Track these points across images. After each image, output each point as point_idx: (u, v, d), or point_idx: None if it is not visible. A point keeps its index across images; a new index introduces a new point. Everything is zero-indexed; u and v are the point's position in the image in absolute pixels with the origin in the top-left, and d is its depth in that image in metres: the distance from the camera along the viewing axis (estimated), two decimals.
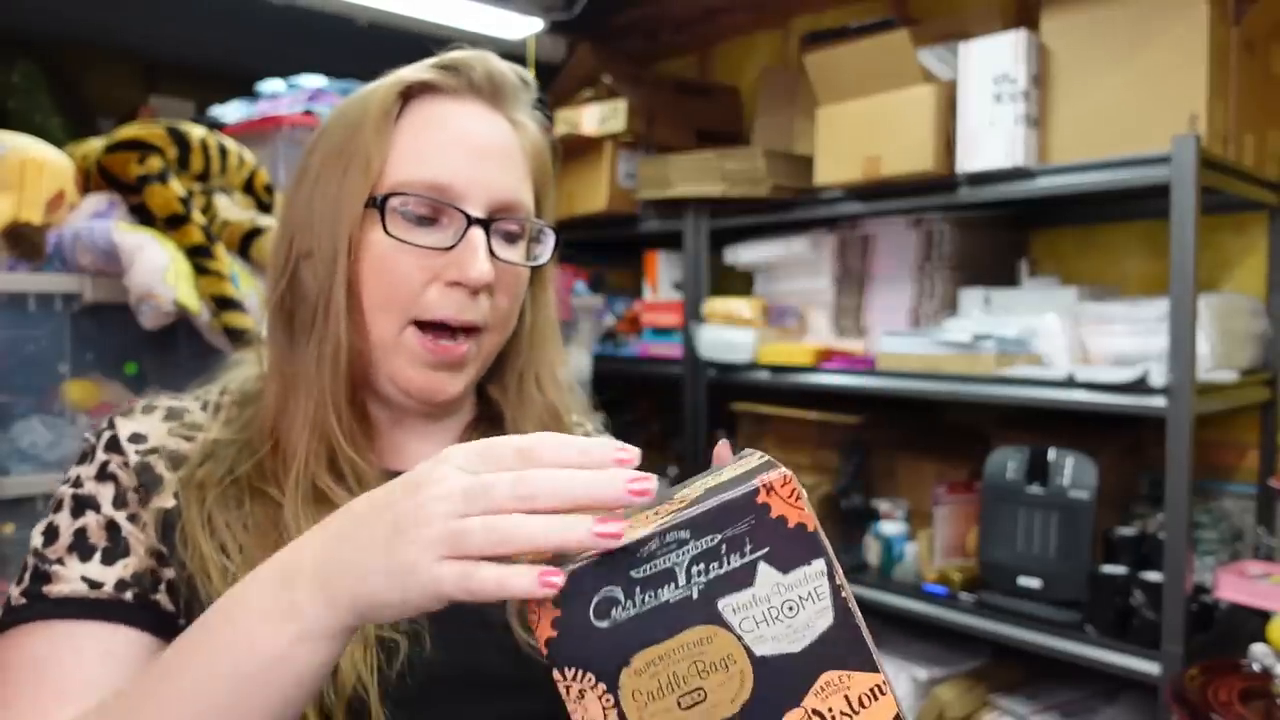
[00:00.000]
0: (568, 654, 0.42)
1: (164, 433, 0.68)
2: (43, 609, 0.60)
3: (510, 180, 0.70)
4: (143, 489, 0.65)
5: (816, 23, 2.49)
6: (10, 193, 1.40)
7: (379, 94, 0.69)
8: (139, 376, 1.52)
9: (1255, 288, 1.85)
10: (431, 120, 0.69)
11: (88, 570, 0.61)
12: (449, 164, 0.68)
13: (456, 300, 0.67)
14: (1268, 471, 1.81)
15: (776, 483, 0.43)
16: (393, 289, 0.67)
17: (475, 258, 0.66)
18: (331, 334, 0.67)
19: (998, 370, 1.73)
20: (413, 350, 0.68)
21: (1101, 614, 1.61)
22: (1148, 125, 1.58)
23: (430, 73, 0.70)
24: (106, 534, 0.63)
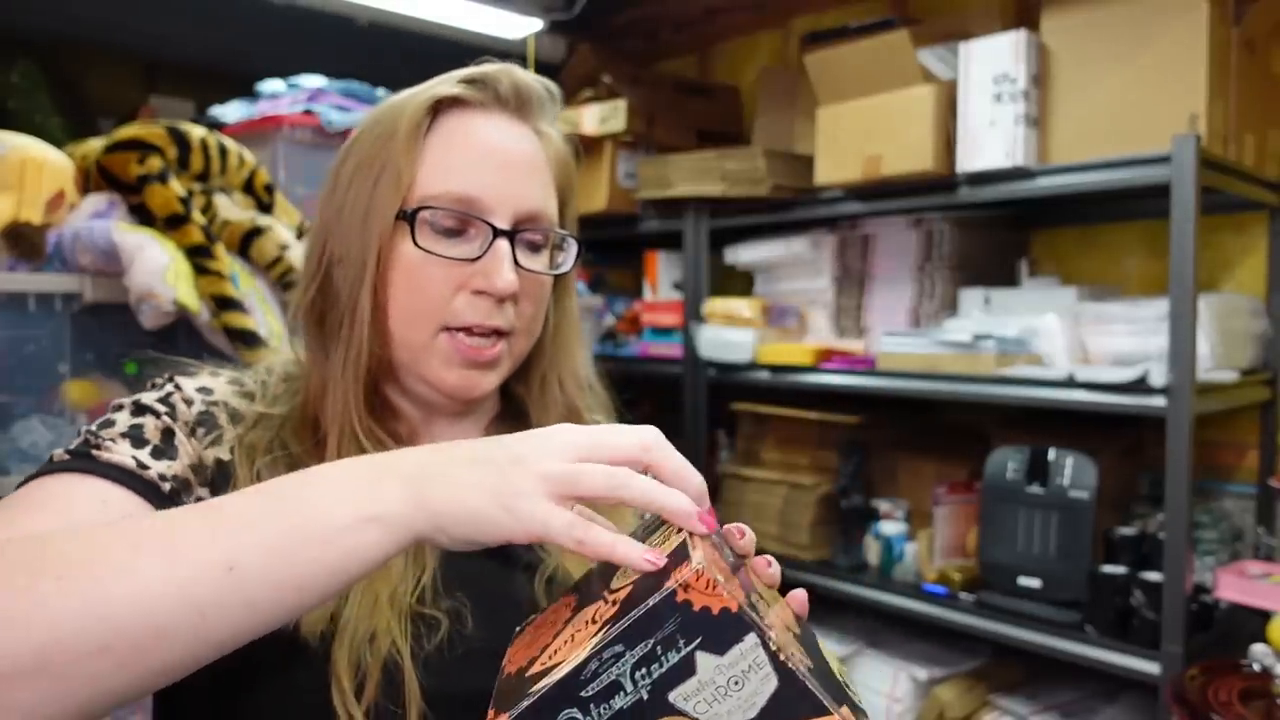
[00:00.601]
0: None
1: (228, 391, 0.72)
2: (85, 465, 0.60)
3: (535, 191, 0.73)
4: (202, 430, 0.68)
5: (817, 22, 2.49)
6: (10, 192, 1.40)
7: (409, 108, 0.71)
8: (139, 376, 1.52)
9: (1255, 287, 1.85)
10: (459, 134, 0.72)
11: (138, 454, 0.63)
12: (476, 177, 0.70)
13: (483, 308, 0.70)
14: (1268, 471, 1.81)
15: (691, 579, 0.45)
16: (422, 297, 0.70)
17: (501, 268, 0.69)
18: (356, 340, 0.70)
19: (998, 370, 1.73)
20: (446, 352, 0.71)
21: (1101, 614, 1.61)
22: (1148, 125, 1.58)
23: (458, 87, 0.73)
24: (161, 435, 0.65)
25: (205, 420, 0.69)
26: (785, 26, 2.68)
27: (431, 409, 0.77)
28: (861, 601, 1.98)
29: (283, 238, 1.60)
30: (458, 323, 0.70)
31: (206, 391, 0.71)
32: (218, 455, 0.67)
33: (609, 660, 0.45)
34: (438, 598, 0.67)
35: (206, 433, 0.68)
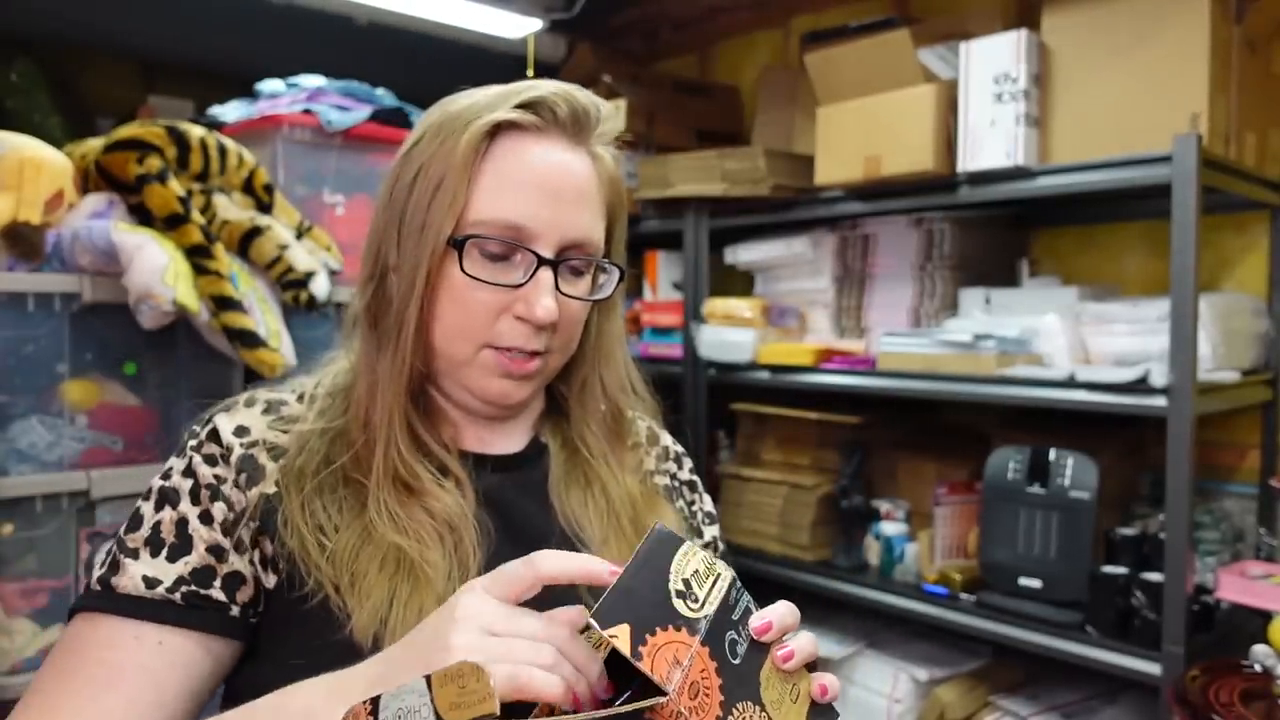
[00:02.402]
0: None
1: (264, 426, 0.75)
2: (106, 603, 0.68)
3: (582, 219, 0.75)
4: (245, 476, 0.72)
5: (817, 22, 2.49)
6: (9, 192, 1.40)
7: (470, 131, 0.73)
8: (138, 376, 1.52)
9: (1257, 287, 1.85)
10: (513, 160, 0.74)
11: (152, 568, 0.69)
12: (525, 205, 0.73)
13: (523, 332, 0.74)
14: (1269, 472, 1.81)
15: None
16: (467, 318, 0.73)
17: (542, 298, 0.72)
18: (403, 349, 0.74)
19: (998, 370, 1.73)
20: (489, 365, 0.75)
21: (1102, 614, 1.61)
22: (1149, 124, 1.58)
23: (516, 113, 0.74)
24: (175, 531, 0.71)
25: (245, 465, 0.73)
26: (785, 26, 2.67)
27: (475, 412, 0.80)
28: (862, 602, 1.98)
29: (282, 238, 1.60)
30: (500, 344, 0.74)
31: (244, 432, 0.75)
32: (263, 491, 0.72)
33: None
34: None
35: (249, 478, 0.72)
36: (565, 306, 0.75)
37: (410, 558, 0.69)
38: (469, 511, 0.73)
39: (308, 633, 0.68)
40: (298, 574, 0.69)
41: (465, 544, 0.71)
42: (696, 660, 0.53)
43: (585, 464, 0.82)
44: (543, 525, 0.78)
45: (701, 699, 0.52)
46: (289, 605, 0.69)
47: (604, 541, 0.78)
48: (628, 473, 0.83)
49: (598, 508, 0.79)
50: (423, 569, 0.69)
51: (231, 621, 0.69)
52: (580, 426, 0.83)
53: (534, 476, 0.81)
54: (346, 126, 1.77)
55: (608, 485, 0.81)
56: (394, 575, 0.69)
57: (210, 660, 0.69)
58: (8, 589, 1.38)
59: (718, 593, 0.58)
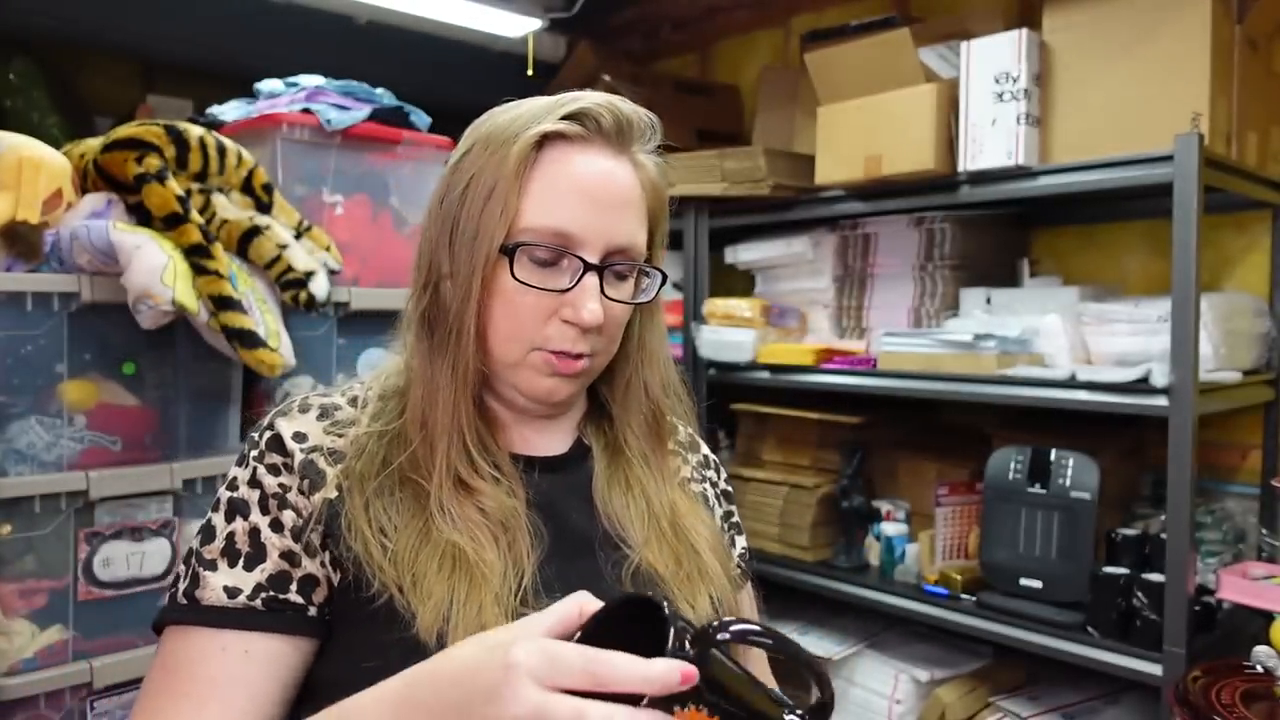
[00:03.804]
0: None
1: (320, 431, 0.78)
2: (193, 615, 0.72)
3: (627, 226, 0.79)
4: (306, 481, 0.75)
5: (817, 21, 2.48)
6: (7, 192, 1.39)
7: (519, 142, 0.76)
8: (137, 376, 1.51)
9: (1258, 287, 1.84)
10: (560, 169, 0.77)
11: (231, 578, 0.73)
12: (572, 213, 0.76)
13: (570, 335, 0.77)
14: (1271, 472, 1.81)
15: None
16: (517, 323, 0.77)
17: (588, 301, 0.75)
18: (464, 354, 0.77)
19: (999, 370, 1.72)
20: (538, 365, 0.78)
21: (1103, 615, 1.60)
22: (1150, 124, 1.58)
23: (562, 124, 0.78)
24: (249, 540, 0.74)
25: (307, 470, 0.76)
26: (786, 25, 2.67)
27: (523, 411, 0.83)
28: (862, 602, 1.97)
29: (281, 237, 1.59)
30: (549, 347, 0.77)
31: (302, 438, 0.77)
32: (325, 496, 0.74)
33: None
34: (538, 597, 0.72)
35: (311, 483, 0.75)
36: (609, 309, 0.78)
37: (467, 557, 0.71)
38: (521, 511, 0.76)
39: (376, 630, 0.70)
40: (364, 576, 0.71)
41: (519, 544, 0.74)
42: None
43: (626, 465, 0.85)
44: (587, 526, 0.80)
45: None
46: (357, 605, 0.72)
47: (645, 543, 0.80)
48: (667, 476, 0.86)
49: (639, 510, 0.82)
50: (479, 568, 0.71)
51: (310, 621, 0.73)
52: (623, 428, 0.86)
53: (579, 478, 0.84)
54: (346, 126, 1.76)
55: (647, 488, 0.84)
56: (452, 574, 0.71)
57: (297, 656, 0.73)
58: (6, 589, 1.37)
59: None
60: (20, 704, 1.37)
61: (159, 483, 1.47)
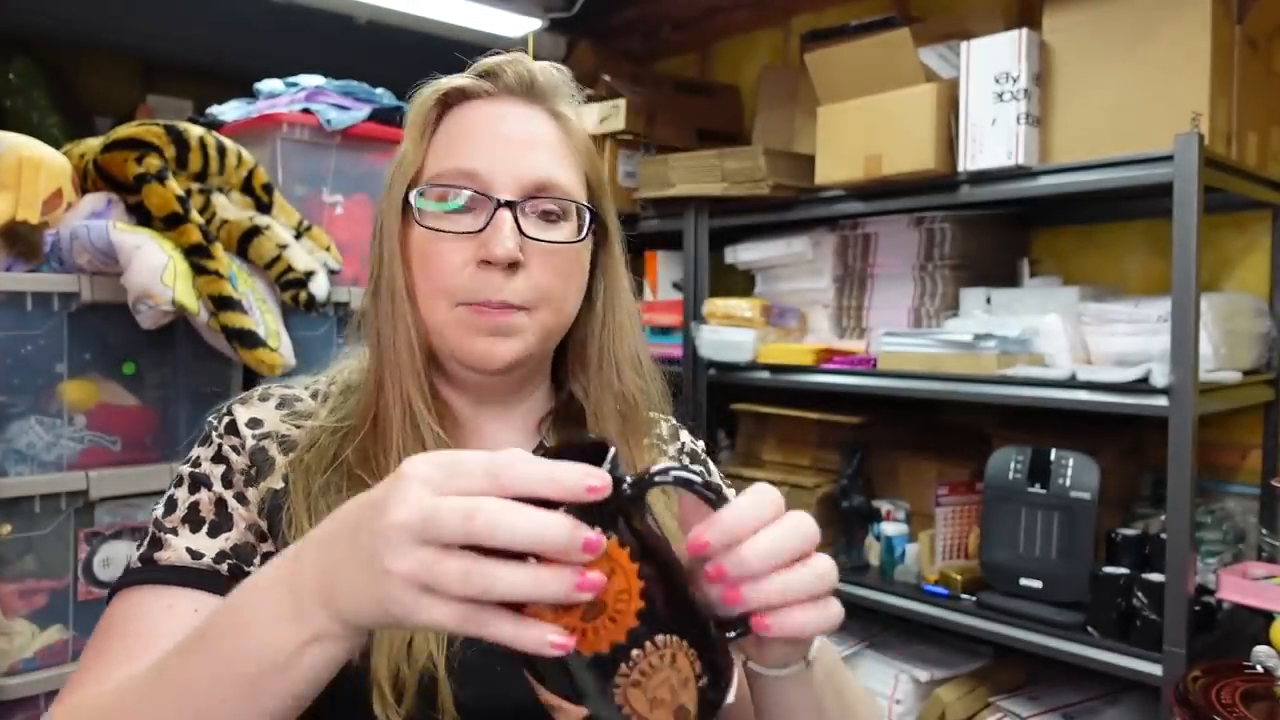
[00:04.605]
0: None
1: (277, 419, 0.76)
2: (151, 574, 0.68)
3: (543, 162, 0.73)
4: (254, 469, 0.73)
5: (817, 21, 2.48)
6: (8, 192, 1.39)
7: (418, 104, 0.75)
8: (137, 376, 1.51)
9: (1258, 287, 1.84)
10: (465, 121, 0.75)
11: (194, 541, 0.69)
12: (477, 153, 0.72)
13: (492, 281, 0.71)
14: (1271, 472, 1.81)
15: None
16: (436, 275, 0.72)
17: (498, 235, 0.70)
18: (400, 320, 0.74)
19: (999, 370, 1.72)
20: (465, 322, 0.72)
21: (1103, 615, 1.60)
22: (1150, 124, 1.58)
23: (465, 79, 0.75)
24: (215, 509, 0.71)
25: (257, 456, 0.73)
26: (786, 25, 2.67)
27: (480, 399, 0.79)
28: (862, 602, 1.97)
29: (281, 237, 1.59)
30: (472, 298, 0.72)
31: (257, 424, 0.75)
32: (270, 486, 0.72)
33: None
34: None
35: (259, 471, 0.73)
36: (535, 251, 0.72)
37: None
38: None
39: None
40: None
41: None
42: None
43: None
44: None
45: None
46: None
47: None
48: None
49: None
50: None
51: None
52: (594, 425, 0.79)
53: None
54: (346, 126, 1.77)
55: None
56: None
57: None
58: (6, 589, 1.37)
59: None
60: (20, 704, 1.37)
61: (159, 483, 1.48)
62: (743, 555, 0.49)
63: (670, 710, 0.48)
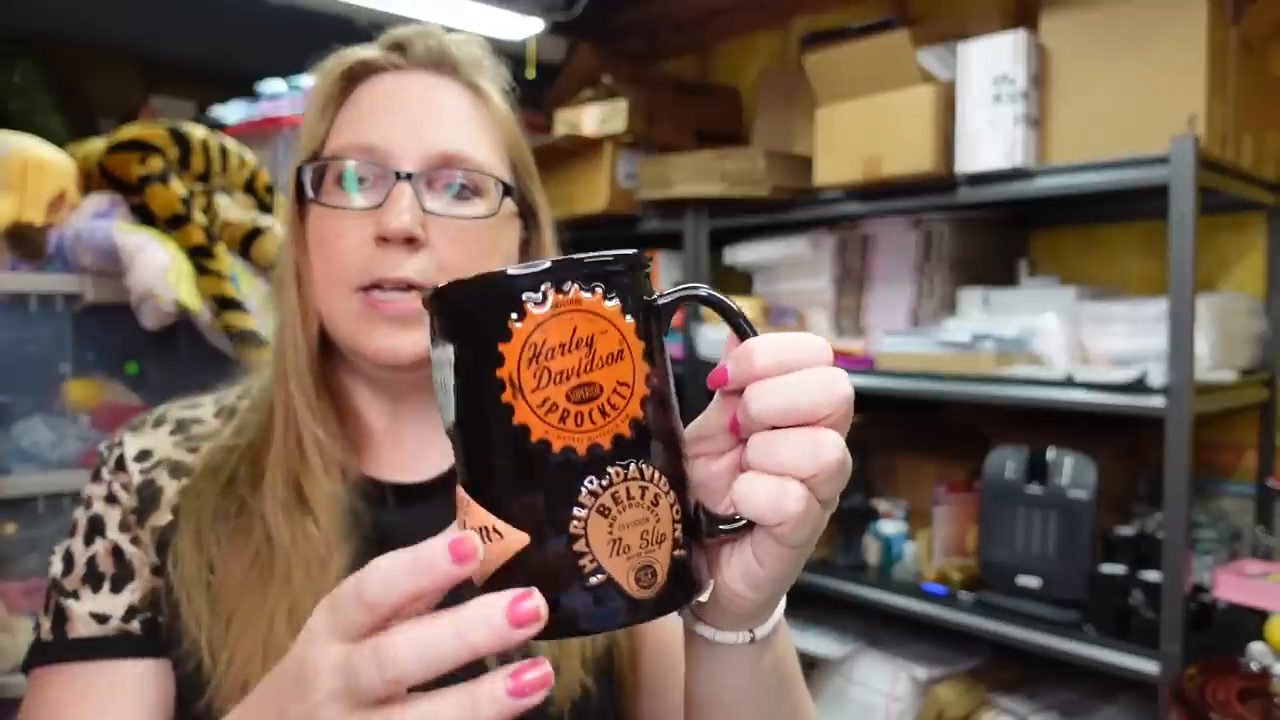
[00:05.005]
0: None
1: (169, 445, 0.69)
2: (60, 651, 0.64)
3: (451, 133, 0.67)
4: (142, 507, 0.66)
5: (816, 23, 2.49)
6: (12, 193, 1.40)
7: (322, 77, 0.69)
8: (140, 376, 1.52)
9: (1254, 287, 1.85)
10: (372, 95, 0.69)
11: (97, 604, 0.64)
12: (379, 127, 0.66)
13: (391, 259, 0.64)
14: (1266, 471, 1.82)
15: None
16: (332, 256, 0.66)
17: (394, 208, 0.64)
18: (290, 310, 0.67)
19: (997, 370, 1.73)
20: (361, 312, 0.65)
21: (1100, 613, 1.61)
22: (1147, 125, 1.58)
23: (372, 51, 0.70)
24: (113, 560, 0.66)
25: (144, 491, 0.67)
26: (785, 27, 2.68)
27: (397, 402, 0.72)
28: (861, 601, 1.98)
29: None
30: (368, 279, 0.65)
31: (145, 456, 0.69)
32: (155, 524, 0.66)
33: None
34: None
35: (146, 507, 0.67)
36: (441, 227, 0.66)
37: (302, 610, 0.59)
38: (334, 550, 0.63)
39: (183, 700, 0.63)
40: (178, 623, 0.63)
41: (322, 586, 0.61)
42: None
43: None
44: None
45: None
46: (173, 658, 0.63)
47: None
48: None
49: None
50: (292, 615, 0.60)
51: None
52: None
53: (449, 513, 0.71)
54: None
55: None
56: (270, 630, 0.60)
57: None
58: (10, 588, 1.38)
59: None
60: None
61: None
62: (757, 392, 0.41)
63: (633, 565, 0.38)
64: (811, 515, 0.41)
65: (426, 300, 0.41)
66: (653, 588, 0.39)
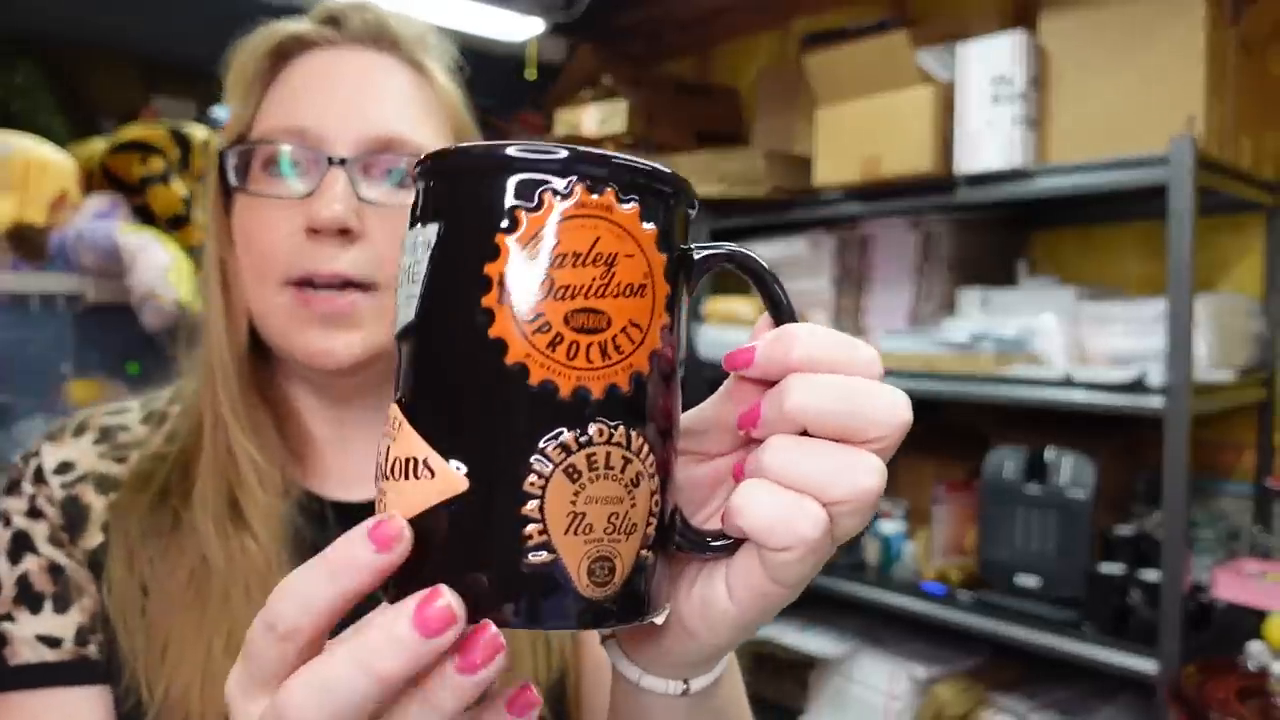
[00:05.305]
0: None
1: (94, 457, 0.62)
2: (6, 680, 0.56)
3: (389, 114, 0.62)
4: (69, 529, 0.59)
5: (816, 24, 2.49)
6: (13, 193, 1.41)
7: (247, 54, 0.64)
8: (141, 376, 1.53)
9: (1252, 288, 1.86)
10: (302, 73, 0.63)
11: (42, 625, 0.57)
12: (311, 108, 0.61)
13: (322, 251, 0.59)
14: (1264, 471, 1.82)
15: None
16: (259, 248, 0.61)
17: (325, 197, 0.59)
18: (214, 308, 0.63)
19: (996, 370, 1.73)
20: (291, 308, 0.60)
21: (1099, 613, 1.61)
22: (1145, 126, 1.59)
23: (302, 25, 0.64)
24: (51, 578, 0.58)
25: (69, 508, 0.60)
26: (785, 28, 2.68)
27: (340, 406, 0.66)
28: (860, 600, 1.99)
29: None
30: (299, 272, 0.59)
31: (67, 468, 0.61)
32: (87, 547, 0.59)
33: None
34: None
35: (75, 527, 0.60)
36: (378, 217, 0.60)
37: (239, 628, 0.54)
38: (272, 569, 0.57)
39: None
40: (116, 653, 0.57)
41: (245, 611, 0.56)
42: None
43: None
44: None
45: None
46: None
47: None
48: None
49: None
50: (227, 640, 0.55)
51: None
52: None
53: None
54: None
55: None
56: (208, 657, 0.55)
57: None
58: None
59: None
60: None
61: None
62: (800, 384, 0.35)
63: (590, 552, 0.31)
64: (823, 549, 0.34)
65: (417, 165, 0.34)
66: (607, 587, 0.31)
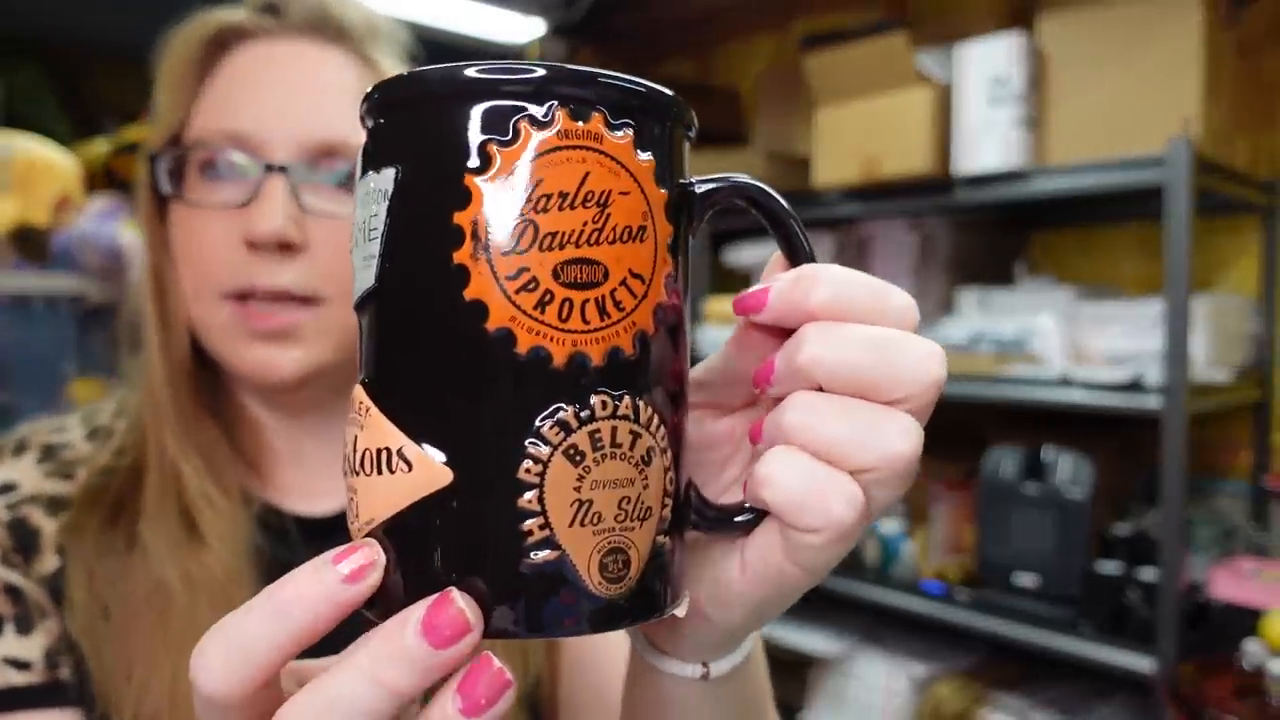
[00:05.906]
0: None
1: (39, 477, 0.57)
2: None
3: (334, 116, 0.58)
4: (21, 551, 0.54)
5: (816, 25, 2.50)
6: (16, 194, 1.41)
7: (180, 46, 0.60)
8: None
9: (1248, 288, 1.86)
10: (240, 68, 0.59)
11: (6, 648, 0.52)
12: (248, 108, 0.57)
13: (263, 265, 0.56)
14: (1261, 470, 1.83)
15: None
16: (197, 261, 0.57)
17: (263, 208, 0.55)
18: (149, 320, 0.59)
19: (994, 370, 1.74)
20: (230, 323, 0.57)
21: (1097, 611, 1.62)
22: (1143, 127, 1.60)
23: (239, 13, 0.60)
24: (9, 599, 0.53)
25: (17, 530, 0.55)
26: (785, 29, 2.69)
27: (293, 414, 0.63)
28: (858, 599, 1.99)
29: None
30: (235, 286, 0.56)
31: (9, 490, 0.56)
32: (43, 571, 0.54)
33: None
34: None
35: (27, 550, 0.54)
36: (322, 229, 0.56)
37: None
38: (243, 583, 0.54)
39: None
40: (87, 682, 0.52)
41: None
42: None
43: None
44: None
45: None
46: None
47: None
48: None
49: None
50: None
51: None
52: None
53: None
54: None
55: None
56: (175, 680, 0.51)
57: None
58: None
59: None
60: None
61: None
62: (818, 332, 0.30)
63: (601, 545, 0.27)
64: (854, 535, 0.30)
65: (365, 100, 0.29)
66: (622, 582, 0.27)
